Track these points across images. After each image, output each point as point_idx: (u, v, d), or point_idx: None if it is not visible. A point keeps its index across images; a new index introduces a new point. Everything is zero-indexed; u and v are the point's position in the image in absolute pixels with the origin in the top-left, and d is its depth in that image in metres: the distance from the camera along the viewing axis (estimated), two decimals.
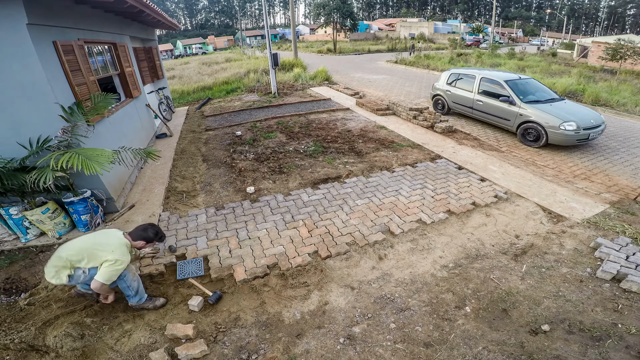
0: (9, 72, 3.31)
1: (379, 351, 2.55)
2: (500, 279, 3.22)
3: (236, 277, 3.28)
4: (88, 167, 3.25)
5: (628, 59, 16.75)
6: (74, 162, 3.23)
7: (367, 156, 6.16)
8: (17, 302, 3.06)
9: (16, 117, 3.49)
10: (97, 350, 2.58)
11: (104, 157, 3.46)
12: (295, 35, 23.08)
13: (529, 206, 4.46)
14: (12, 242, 3.88)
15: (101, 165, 3.35)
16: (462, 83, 8.45)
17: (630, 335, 2.57)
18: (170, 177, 5.56)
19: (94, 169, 3.26)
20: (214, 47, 61.12)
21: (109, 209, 4.39)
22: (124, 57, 6.25)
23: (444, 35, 47.70)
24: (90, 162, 3.30)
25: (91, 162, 3.29)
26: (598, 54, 20.50)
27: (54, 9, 3.82)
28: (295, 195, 4.86)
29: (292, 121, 8.65)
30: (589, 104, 10.04)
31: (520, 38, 65.73)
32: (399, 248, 3.72)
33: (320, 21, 35.79)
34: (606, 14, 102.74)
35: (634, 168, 5.77)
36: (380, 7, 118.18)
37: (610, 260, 3.28)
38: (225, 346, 2.62)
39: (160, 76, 10.23)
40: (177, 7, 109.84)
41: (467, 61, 20.47)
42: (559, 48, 34.14)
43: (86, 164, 3.26)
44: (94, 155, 3.42)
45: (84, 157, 3.33)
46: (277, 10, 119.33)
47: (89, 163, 3.28)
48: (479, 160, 5.93)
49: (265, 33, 12.02)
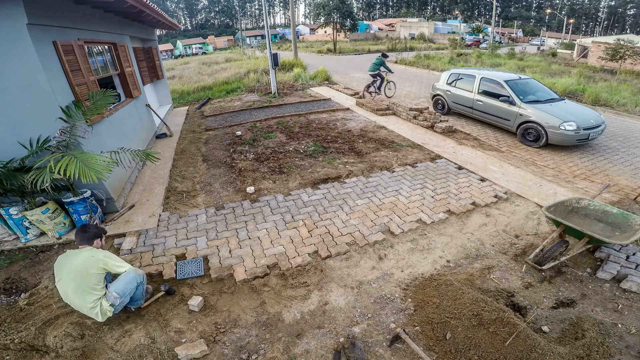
0: (9, 72, 3.31)
1: (379, 351, 2.55)
2: (501, 279, 3.22)
3: (236, 277, 3.28)
4: (85, 175, 3.13)
5: (628, 59, 16.75)
6: (71, 169, 3.11)
7: (367, 156, 6.16)
8: (17, 302, 3.07)
9: (16, 117, 3.49)
10: (97, 350, 2.58)
11: (102, 164, 3.36)
12: (295, 35, 23.09)
13: (529, 206, 4.46)
14: (12, 242, 3.88)
15: (99, 173, 3.23)
16: (462, 83, 8.45)
17: (630, 335, 2.57)
18: (170, 177, 5.56)
19: (91, 178, 3.14)
20: (214, 47, 61.14)
21: (109, 209, 4.39)
22: (124, 57, 6.25)
23: (444, 35, 47.66)
24: (88, 169, 3.18)
25: (88, 170, 3.18)
26: (598, 54, 20.50)
27: (54, 9, 3.82)
28: (295, 195, 4.86)
29: (292, 121, 8.65)
30: (589, 104, 10.04)
31: (520, 38, 65.70)
32: (399, 248, 3.72)
33: (320, 21, 35.77)
34: (606, 14, 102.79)
35: (634, 168, 5.77)
36: (380, 7, 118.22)
37: (611, 260, 3.28)
38: (225, 346, 2.62)
39: (160, 76, 10.24)
40: (177, 7, 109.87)
41: (467, 61, 20.47)
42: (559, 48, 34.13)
43: (83, 171, 3.14)
44: (92, 162, 3.31)
45: (82, 163, 3.22)
46: (277, 10, 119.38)
47: (86, 170, 3.16)
48: (479, 160, 5.93)
49: (265, 33, 12.02)
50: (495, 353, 2.37)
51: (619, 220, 3.45)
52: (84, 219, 3.93)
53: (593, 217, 3.63)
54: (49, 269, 3.49)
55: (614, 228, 3.44)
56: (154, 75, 9.82)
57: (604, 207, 3.59)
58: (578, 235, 3.28)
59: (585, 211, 3.68)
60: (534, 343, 2.36)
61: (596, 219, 3.60)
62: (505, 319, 2.52)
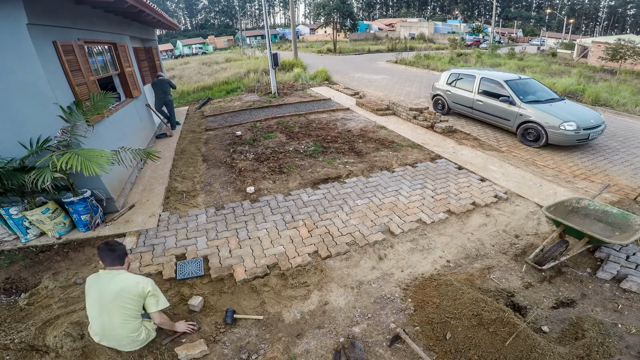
0: (8, 72, 3.31)
1: (379, 351, 2.55)
2: (501, 279, 3.22)
3: (236, 277, 3.28)
4: (87, 168, 3.24)
5: (628, 59, 16.75)
6: (73, 163, 3.21)
7: (367, 156, 6.16)
8: (17, 302, 3.06)
9: (16, 117, 3.49)
10: (97, 350, 2.58)
11: (104, 158, 3.45)
12: (295, 35, 23.09)
13: (529, 206, 4.46)
14: (12, 242, 3.88)
15: (100, 166, 3.34)
16: (462, 83, 8.45)
17: (630, 335, 2.57)
18: (170, 177, 5.56)
19: (93, 170, 3.25)
20: (214, 47, 61.10)
21: (109, 209, 4.39)
22: (124, 57, 6.25)
23: (444, 35, 47.66)
24: (90, 163, 3.29)
25: (90, 163, 3.28)
26: (598, 54, 20.50)
27: (54, 9, 3.82)
28: (295, 195, 4.86)
29: (292, 121, 8.65)
30: (589, 104, 10.04)
31: (520, 38, 65.68)
32: (399, 248, 3.72)
33: (320, 21, 35.75)
34: (606, 14, 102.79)
35: (634, 168, 5.76)
36: (380, 7, 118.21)
37: (611, 260, 3.28)
38: (225, 346, 2.62)
39: None
40: (177, 7, 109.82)
41: (467, 61, 20.48)
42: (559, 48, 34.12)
43: (85, 165, 3.25)
44: (93, 156, 3.40)
45: (83, 157, 3.32)
46: (277, 10, 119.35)
47: (88, 164, 3.26)
48: (479, 160, 5.93)
49: (265, 33, 12.02)
50: (495, 353, 2.37)
51: (619, 220, 3.45)
52: (84, 219, 3.93)
53: (593, 217, 3.63)
54: (49, 269, 3.49)
55: (614, 228, 3.44)
56: (154, 75, 9.82)
57: (604, 207, 3.59)
58: (578, 235, 3.28)
59: (585, 211, 3.68)
60: (534, 343, 2.36)
61: (596, 219, 3.60)
62: (505, 319, 2.52)
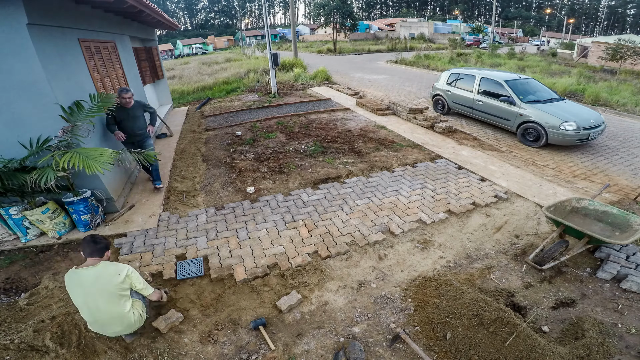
0: (9, 72, 3.30)
1: (379, 351, 2.55)
2: (501, 279, 3.22)
3: (236, 277, 3.28)
4: (89, 167, 3.25)
5: (628, 59, 16.75)
6: (76, 162, 3.23)
7: (367, 156, 6.16)
8: (17, 302, 3.06)
9: (16, 117, 3.49)
10: (97, 350, 2.58)
11: (105, 156, 3.46)
12: (295, 35, 23.08)
13: (529, 206, 4.46)
14: (12, 242, 3.88)
15: (102, 164, 3.35)
16: (462, 83, 8.45)
17: (630, 335, 2.57)
18: (170, 177, 5.56)
19: (95, 169, 3.26)
20: (214, 47, 61.08)
21: (109, 209, 4.39)
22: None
23: (444, 35, 47.66)
24: (92, 161, 3.30)
25: (92, 162, 3.30)
26: (598, 54, 20.51)
27: (54, 9, 3.82)
28: (295, 195, 4.86)
29: (292, 121, 8.65)
30: (589, 104, 10.04)
31: (520, 38, 65.65)
32: (399, 248, 3.72)
33: (320, 21, 35.69)
34: (606, 14, 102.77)
35: (634, 168, 5.76)
36: (380, 7, 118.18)
37: (611, 260, 3.28)
38: (225, 346, 2.62)
39: (160, 76, 10.24)
40: (177, 7, 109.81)
41: (467, 61, 20.47)
42: (559, 48, 34.12)
43: (87, 164, 3.26)
44: (95, 155, 3.42)
45: (85, 156, 3.34)
46: (277, 10, 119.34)
47: (90, 163, 3.28)
48: (479, 160, 5.93)
49: (265, 33, 12.02)
50: (495, 353, 2.37)
51: (619, 220, 3.45)
52: (84, 219, 3.93)
53: (593, 217, 3.63)
54: (49, 269, 3.49)
55: (614, 228, 3.44)
56: (154, 75, 9.82)
57: (604, 207, 3.59)
58: (578, 235, 3.28)
59: (585, 211, 3.68)
60: (534, 343, 2.36)
61: (596, 219, 3.60)
62: (505, 319, 2.52)
